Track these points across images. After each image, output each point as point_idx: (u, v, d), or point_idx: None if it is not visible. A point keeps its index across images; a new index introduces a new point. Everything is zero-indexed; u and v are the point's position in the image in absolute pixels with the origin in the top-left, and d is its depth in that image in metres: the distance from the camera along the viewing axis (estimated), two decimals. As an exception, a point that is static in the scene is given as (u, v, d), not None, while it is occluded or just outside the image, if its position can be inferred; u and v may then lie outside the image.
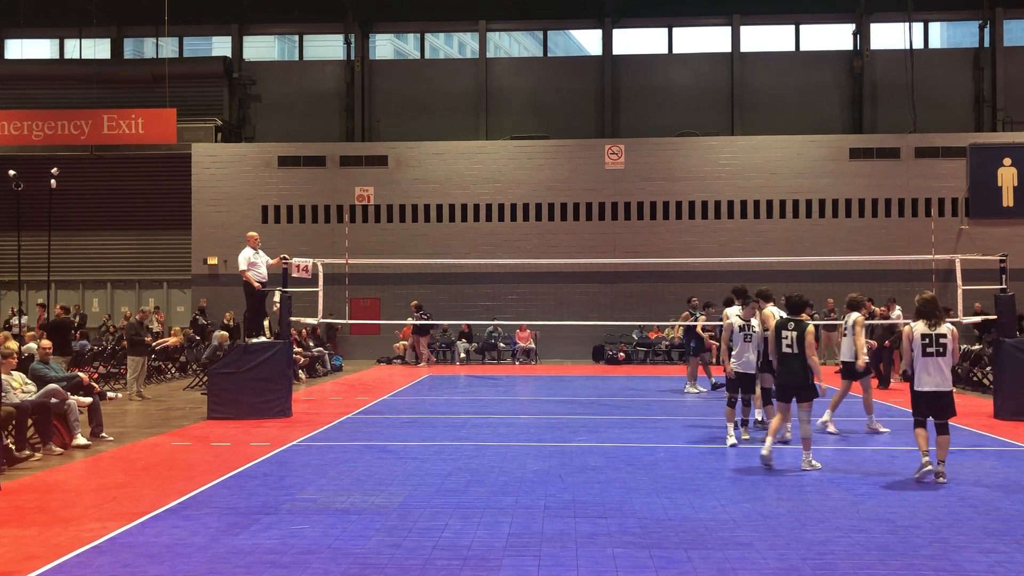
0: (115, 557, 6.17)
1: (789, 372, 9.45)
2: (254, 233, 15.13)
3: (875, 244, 26.22)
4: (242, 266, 14.50)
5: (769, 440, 9.41)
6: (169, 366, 20.85)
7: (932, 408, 8.71)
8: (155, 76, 28.89)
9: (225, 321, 22.96)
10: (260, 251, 14.84)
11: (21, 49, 31.52)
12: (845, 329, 12.41)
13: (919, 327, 8.68)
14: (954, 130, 27.78)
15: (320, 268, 16.33)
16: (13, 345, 11.81)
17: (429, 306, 26.48)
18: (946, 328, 8.70)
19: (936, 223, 24.98)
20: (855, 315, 12.08)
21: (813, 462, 9.31)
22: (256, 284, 14.47)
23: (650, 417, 13.41)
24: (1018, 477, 8.93)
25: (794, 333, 9.42)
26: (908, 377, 8.92)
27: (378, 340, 26.87)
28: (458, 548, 6.35)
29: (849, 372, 12.19)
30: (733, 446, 10.59)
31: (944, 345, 8.62)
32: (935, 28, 31.51)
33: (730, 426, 10.84)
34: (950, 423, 8.88)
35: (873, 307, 20.80)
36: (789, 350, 9.44)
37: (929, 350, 8.63)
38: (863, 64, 28.58)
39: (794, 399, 9.54)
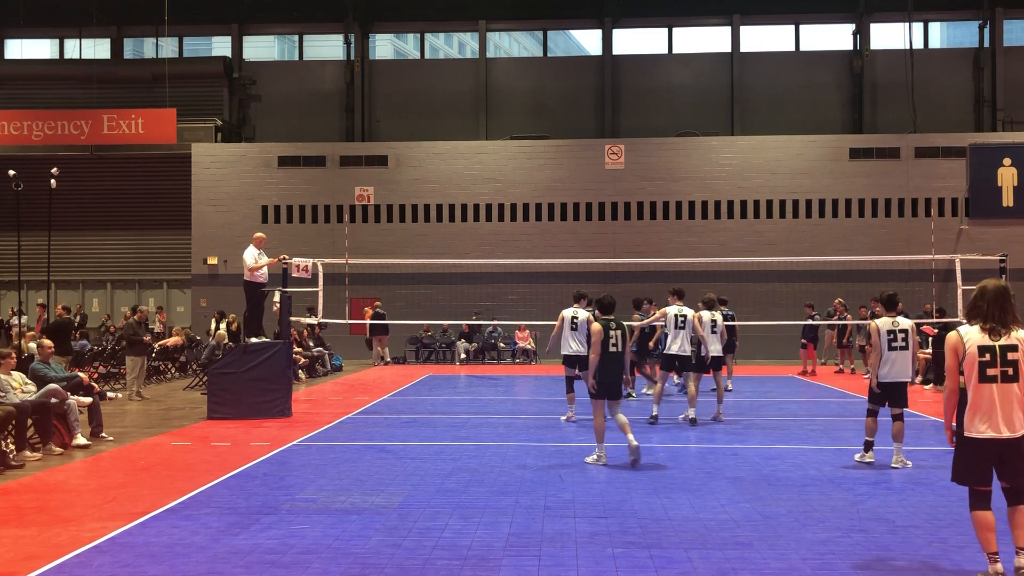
0: (115, 557, 6.17)
1: (613, 371, 9.57)
2: (262, 234, 15.11)
3: (875, 244, 26.23)
4: (251, 262, 14.40)
5: (601, 446, 9.63)
6: (169, 366, 20.86)
7: (1001, 467, 5.54)
8: (155, 76, 28.91)
9: (229, 323, 22.72)
10: (263, 253, 14.83)
11: (21, 49, 31.53)
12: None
13: (974, 335, 5.49)
14: (954, 130, 27.78)
15: (320, 268, 16.34)
16: (30, 345, 11.79)
17: (429, 306, 26.49)
18: (1018, 337, 5.50)
19: (936, 223, 24.99)
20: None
21: (601, 455, 9.59)
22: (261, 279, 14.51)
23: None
24: (1018, 477, 8.91)
25: (618, 333, 9.61)
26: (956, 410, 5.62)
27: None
28: (458, 548, 6.35)
29: None
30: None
31: (1015, 364, 5.44)
32: (935, 28, 31.51)
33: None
34: None
35: (879, 307, 20.86)
36: (615, 349, 9.57)
37: (991, 372, 5.43)
38: (863, 64, 28.58)
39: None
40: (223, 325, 22.16)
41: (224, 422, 13.07)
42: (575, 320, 12.84)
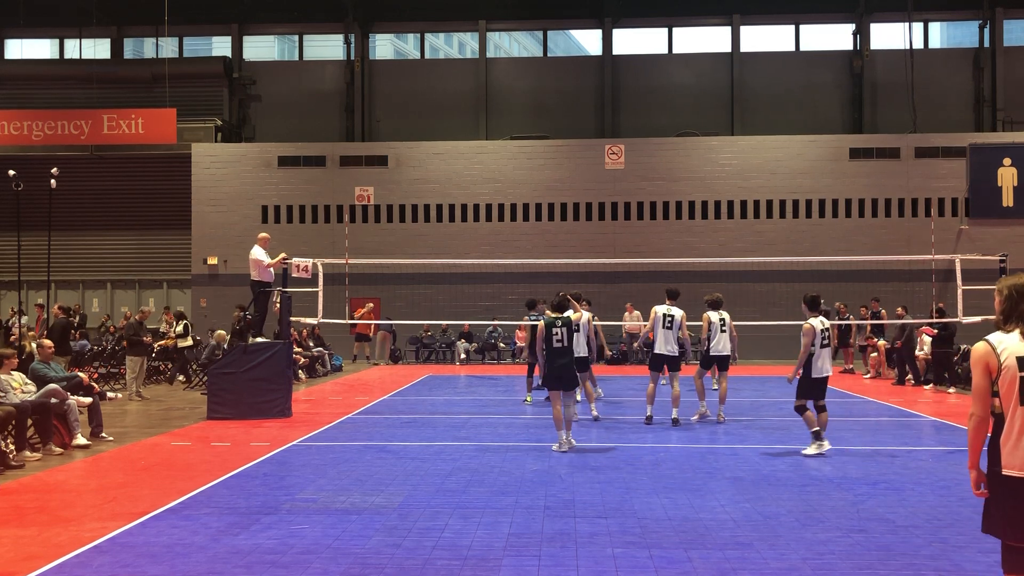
0: (115, 557, 6.17)
1: (560, 363, 10.43)
2: (267, 235, 15.12)
3: (875, 244, 26.23)
4: (266, 259, 14.40)
5: (564, 434, 10.49)
6: (169, 366, 20.83)
7: None
8: (155, 76, 28.90)
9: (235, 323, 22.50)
10: (267, 253, 14.84)
11: (21, 49, 31.52)
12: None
13: (1012, 345, 4.17)
14: (954, 130, 27.78)
15: (320, 268, 16.34)
16: (31, 346, 11.78)
17: (429, 306, 26.50)
18: None
19: (936, 223, 24.99)
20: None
21: (572, 440, 10.55)
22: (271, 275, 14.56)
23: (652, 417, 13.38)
24: (1018, 477, 8.90)
25: (563, 329, 10.48)
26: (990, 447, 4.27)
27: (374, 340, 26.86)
28: (458, 548, 6.35)
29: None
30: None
31: None
32: (935, 28, 31.51)
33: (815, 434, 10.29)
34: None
35: (880, 307, 20.93)
36: (559, 344, 10.44)
37: None
38: (863, 64, 28.58)
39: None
40: (181, 326, 22.00)
41: (224, 422, 13.06)
42: (668, 317, 12.81)
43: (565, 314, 10.74)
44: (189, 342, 19.48)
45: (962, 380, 17.62)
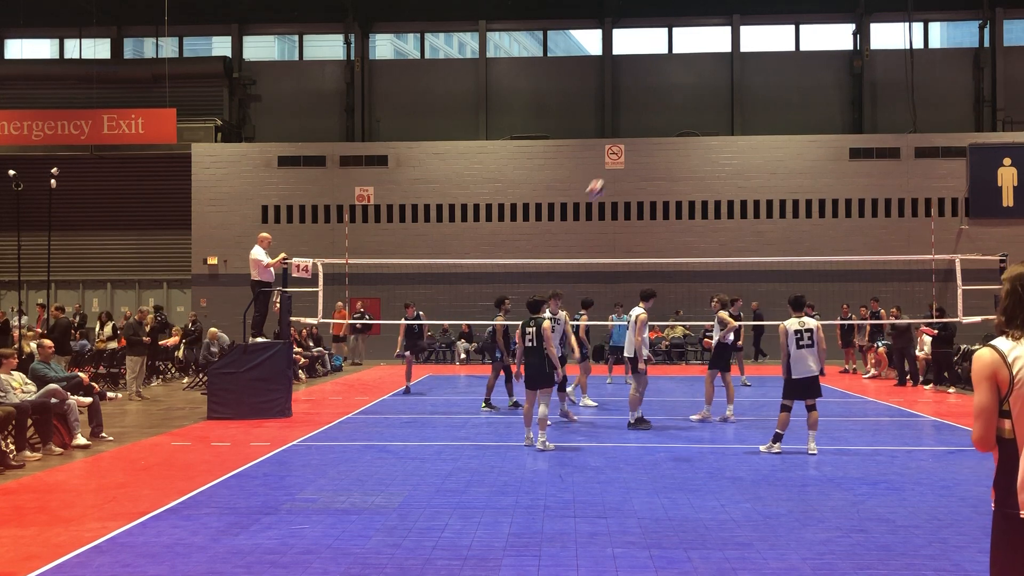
0: (115, 557, 6.17)
1: (529, 364, 10.69)
2: (267, 235, 15.10)
3: (875, 244, 26.22)
4: (266, 259, 14.37)
5: (528, 430, 10.80)
6: (169, 366, 20.85)
7: None
8: (155, 76, 28.89)
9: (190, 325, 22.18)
10: (267, 253, 14.82)
11: (21, 49, 31.52)
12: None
13: None
14: (954, 130, 27.77)
15: (320, 268, 16.33)
16: (32, 347, 11.79)
17: (429, 306, 26.46)
18: None
19: (936, 223, 24.97)
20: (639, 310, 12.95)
21: (548, 444, 10.50)
22: (271, 275, 14.52)
23: (650, 417, 13.39)
24: (1018, 477, 8.90)
25: (533, 330, 10.74)
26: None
27: (378, 340, 26.85)
28: (458, 548, 6.35)
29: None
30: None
31: None
32: (935, 28, 31.50)
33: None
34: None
35: (879, 307, 20.93)
36: (531, 344, 10.73)
37: None
38: (863, 64, 28.57)
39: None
40: (108, 328, 21.72)
41: (224, 422, 13.06)
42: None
43: (541, 315, 10.98)
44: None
45: (962, 380, 17.62)
